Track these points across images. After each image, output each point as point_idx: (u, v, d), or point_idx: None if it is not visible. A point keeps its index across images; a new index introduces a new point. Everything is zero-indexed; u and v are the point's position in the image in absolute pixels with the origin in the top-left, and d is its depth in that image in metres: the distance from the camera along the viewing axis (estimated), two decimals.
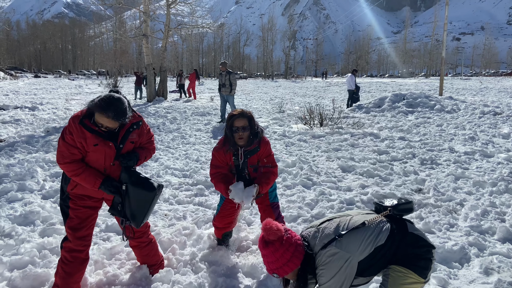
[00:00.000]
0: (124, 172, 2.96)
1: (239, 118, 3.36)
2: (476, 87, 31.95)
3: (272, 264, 2.18)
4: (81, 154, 2.85)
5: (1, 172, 6.41)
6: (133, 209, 2.95)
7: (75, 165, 2.82)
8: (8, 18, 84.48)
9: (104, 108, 2.71)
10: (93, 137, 2.81)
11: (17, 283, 3.23)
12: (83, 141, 2.79)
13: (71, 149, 2.80)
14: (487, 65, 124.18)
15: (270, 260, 2.17)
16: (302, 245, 2.22)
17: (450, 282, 3.31)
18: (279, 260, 2.15)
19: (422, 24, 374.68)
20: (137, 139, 3.06)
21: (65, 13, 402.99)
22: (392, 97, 16.18)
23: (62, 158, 2.81)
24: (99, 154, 2.87)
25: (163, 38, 23.57)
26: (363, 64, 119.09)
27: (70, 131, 2.80)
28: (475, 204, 5.07)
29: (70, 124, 2.82)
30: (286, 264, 2.15)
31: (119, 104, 2.76)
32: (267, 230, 2.16)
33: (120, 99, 2.79)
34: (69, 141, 2.79)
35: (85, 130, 2.78)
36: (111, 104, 2.72)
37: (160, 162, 7.61)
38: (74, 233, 2.94)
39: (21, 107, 15.10)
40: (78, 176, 2.83)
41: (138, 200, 2.95)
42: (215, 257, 3.67)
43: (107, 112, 2.70)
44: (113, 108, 2.72)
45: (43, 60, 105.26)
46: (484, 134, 10.26)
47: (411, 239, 2.27)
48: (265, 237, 2.17)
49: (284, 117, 14.39)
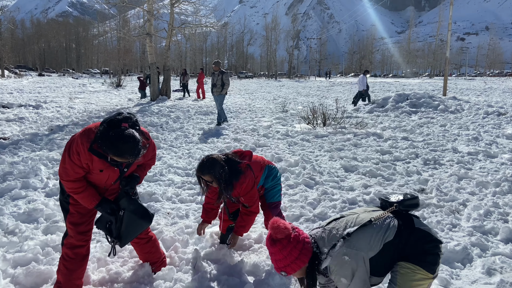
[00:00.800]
0: (124, 198, 2.98)
1: (202, 174, 3.36)
2: (480, 88, 31.84)
3: (280, 262, 2.17)
4: (85, 173, 2.82)
5: (5, 169, 6.44)
6: (124, 232, 2.99)
7: (77, 183, 2.80)
8: (12, 17, 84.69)
9: (121, 154, 2.57)
10: (100, 162, 2.74)
11: (21, 280, 3.26)
12: (89, 163, 2.74)
13: (76, 168, 2.74)
14: (491, 65, 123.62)
15: (278, 258, 2.17)
16: (310, 243, 2.22)
17: (452, 282, 3.31)
18: (286, 258, 2.15)
19: (426, 24, 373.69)
20: (141, 161, 3.02)
21: (69, 12, 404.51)
22: (396, 97, 16.15)
23: (66, 175, 2.77)
24: (102, 176, 2.86)
25: (167, 37, 23.62)
26: (366, 64, 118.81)
27: (78, 152, 2.70)
28: (478, 205, 5.05)
29: (78, 144, 2.69)
30: (294, 262, 2.15)
31: (135, 145, 2.60)
32: (274, 228, 2.16)
33: (135, 140, 2.60)
34: (75, 161, 2.72)
35: (93, 155, 2.71)
36: (127, 148, 2.57)
37: (163, 161, 7.63)
38: (76, 228, 2.95)
39: (25, 105, 15.17)
40: (77, 195, 2.82)
41: (132, 227, 3.01)
42: (218, 256, 3.68)
43: (124, 156, 2.59)
44: (130, 152, 2.59)
45: (47, 59, 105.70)
46: (488, 134, 10.22)
47: (419, 235, 2.26)
48: (273, 235, 2.17)
49: (287, 117, 14.39)
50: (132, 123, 2.74)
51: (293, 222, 4.63)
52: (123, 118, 2.70)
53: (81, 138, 2.70)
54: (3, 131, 9.99)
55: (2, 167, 6.59)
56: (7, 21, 64.32)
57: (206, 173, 3.33)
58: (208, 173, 3.32)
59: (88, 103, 18.32)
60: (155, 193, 5.55)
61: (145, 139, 2.90)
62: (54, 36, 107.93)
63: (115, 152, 2.57)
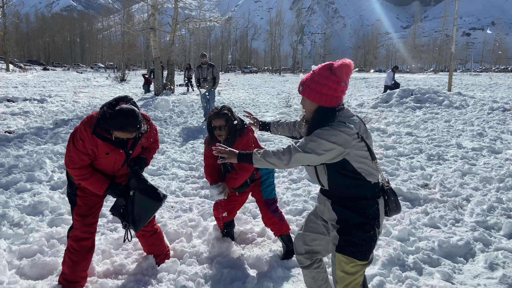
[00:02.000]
0: (134, 178, 3.02)
1: (215, 119, 3.41)
2: (485, 83, 31.63)
3: (311, 82, 2.17)
4: (91, 160, 2.87)
5: (10, 163, 6.50)
6: (136, 215, 3.02)
7: (84, 170, 2.85)
8: (17, 11, 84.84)
9: (123, 126, 2.66)
10: (105, 145, 2.81)
11: (26, 271, 3.30)
12: (94, 148, 2.80)
13: (81, 155, 2.80)
14: (497, 60, 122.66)
15: (315, 78, 2.16)
16: (340, 103, 2.20)
17: (454, 277, 3.32)
18: (318, 83, 2.14)
19: (432, 19, 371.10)
20: (145, 143, 3.10)
21: (73, 6, 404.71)
22: (400, 93, 16.07)
23: (71, 163, 2.82)
24: (109, 160, 2.92)
25: (171, 32, 23.59)
26: (371, 59, 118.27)
27: (82, 138, 2.77)
28: (481, 200, 5.05)
29: (81, 131, 2.77)
30: (320, 92, 2.14)
31: (135, 116, 2.71)
32: (344, 66, 2.11)
33: (134, 112, 2.71)
34: (80, 148, 2.78)
35: (98, 139, 2.78)
36: (128, 119, 2.67)
37: (167, 155, 7.66)
38: (83, 220, 2.99)
39: (30, 99, 15.23)
40: (85, 181, 2.87)
41: (143, 207, 3.02)
42: (221, 249, 3.71)
43: (127, 128, 2.67)
44: (131, 123, 2.68)
45: (52, 53, 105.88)
46: (493, 130, 10.18)
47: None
48: (335, 64, 2.14)
49: (291, 112, 14.37)
50: (129, 102, 2.87)
51: (296, 216, 4.66)
52: (119, 98, 2.85)
53: (83, 125, 2.79)
54: (8, 124, 10.05)
55: (8, 161, 6.64)
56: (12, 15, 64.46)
57: (223, 115, 3.39)
58: (224, 116, 3.39)
59: (92, 97, 18.37)
60: (159, 186, 5.58)
61: (146, 120, 3.00)
62: (59, 30, 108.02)
63: (118, 125, 2.65)
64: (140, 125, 2.75)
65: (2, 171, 6.11)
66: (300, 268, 3.44)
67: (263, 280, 3.19)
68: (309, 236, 2.55)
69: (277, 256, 3.64)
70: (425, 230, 4.26)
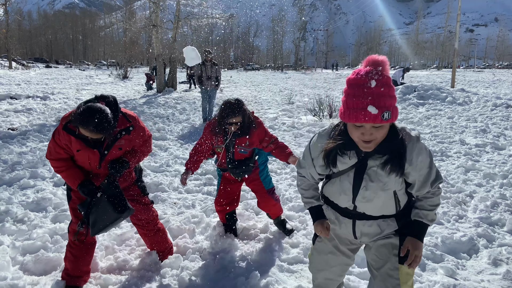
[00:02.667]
0: (107, 182, 2.90)
1: (233, 116, 3.34)
2: (489, 79, 31.49)
3: (392, 99, 1.71)
4: (67, 154, 2.88)
5: (13, 159, 6.52)
6: (95, 217, 2.86)
7: (60, 162, 2.88)
8: (20, 8, 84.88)
9: (84, 122, 2.56)
10: (77, 142, 2.78)
11: (30, 267, 3.31)
12: (68, 143, 2.81)
13: (57, 148, 2.84)
14: (500, 57, 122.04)
15: (391, 93, 1.71)
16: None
17: (458, 273, 3.31)
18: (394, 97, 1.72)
19: (435, 15, 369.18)
20: (126, 145, 2.96)
21: (75, 4, 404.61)
22: (403, 89, 16.03)
23: (49, 154, 2.89)
24: (82, 158, 2.88)
25: (173, 29, 23.57)
26: None
27: (58, 132, 2.81)
28: (485, 196, 5.04)
29: (60, 124, 2.81)
30: (395, 107, 1.74)
31: (100, 116, 2.57)
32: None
33: (100, 111, 2.59)
34: (57, 141, 2.82)
35: (69, 135, 2.76)
36: (91, 117, 2.54)
37: (169, 152, 7.67)
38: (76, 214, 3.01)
39: (32, 96, 15.27)
40: (61, 173, 2.90)
41: (103, 213, 2.86)
42: (223, 245, 3.71)
43: (88, 126, 2.56)
44: (93, 122, 2.55)
45: (54, 51, 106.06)
46: (496, 126, 10.14)
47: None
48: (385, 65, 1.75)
49: (293, 109, 14.35)
50: (108, 102, 2.78)
51: (299, 212, 4.65)
52: (100, 97, 2.80)
53: (62, 120, 2.82)
54: (12, 122, 10.08)
55: (11, 157, 6.66)
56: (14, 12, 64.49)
57: (238, 113, 3.35)
58: (240, 113, 3.36)
59: (94, 95, 18.39)
60: (162, 183, 5.59)
61: (127, 121, 2.91)
62: (61, 27, 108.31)
63: (80, 123, 2.58)
64: (106, 126, 2.61)
65: (6, 168, 6.13)
66: (303, 264, 3.45)
67: (266, 275, 3.19)
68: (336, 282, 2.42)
69: (279, 252, 3.64)
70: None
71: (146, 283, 3.13)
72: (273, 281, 3.11)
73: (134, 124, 2.95)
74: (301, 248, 3.69)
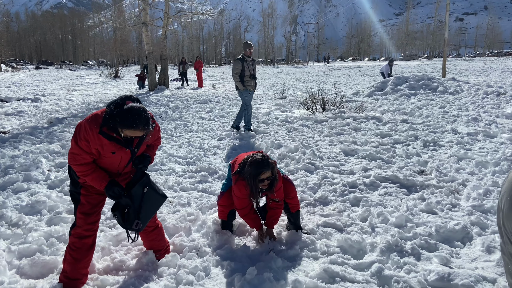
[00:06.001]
0: (144, 176, 3.09)
1: (265, 171, 3.40)
2: (479, 68, 31.66)
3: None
4: (92, 158, 2.87)
5: (6, 163, 6.47)
6: (144, 211, 3.05)
7: (85, 167, 2.86)
8: (7, 10, 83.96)
9: (133, 123, 2.67)
10: (111, 144, 2.82)
11: (26, 271, 3.31)
12: (99, 147, 2.80)
13: (83, 154, 2.81)
14: (490, 45, 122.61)
15: None
16: None
17: (452, 261, 3.35)
18: None
19: (424, 5, 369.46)
20: (150, 140, 3.13)
21: (63, 3, 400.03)
22: (395, 80, 16.09)
23: (73, 160, 2.85)
24: (115, 159, 2.93)
25: (163, 26, 23.44)
26: (365, 48, 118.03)
27: (86, 138, 2.75)
28: (477, 184, 5.09)
29: (86, 130, 2.75)
30: None
31: (146, 114, 2.75)
32: None
33: (144, 109, 2.75)
34: (83, 147, 2.78)
35: (104, 138, 2.78)
36: (139, 117, 2.69)
37: (163, 150, 7.65)
38: (86, 218, 3.01)
39: (23, 98, 15.14)
40: (87, 177, 2.89)
41: (153, 204, 3.11)
42: (220, 242, 3.72)
43: (138, 126, 2.69)
44: (142, 121, 2.71)
45: (44, 52, 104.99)
46: (487, 114, 10.22)
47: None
48: None
49: (286, 103, 14.36)
50: (135, 101, 2.89)
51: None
52: (125, 97, 2.85)
53: (89, 124, 2.77)
54: (3, 125, 10.00)
55: (3, 161, 6.61)
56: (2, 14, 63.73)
57: (269, 168, 3.41)
58: (271, 168, 3.42)
59: (86, 95, 18.27)
60: (157, 182, 5.59)
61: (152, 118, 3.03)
62: (50, 28, 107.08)
63: (130, 124, 2.67)
64: (150, 123, 2.79)
65: None
66: (299, 258, 3.47)
67: (263, 270, 3.21)
68: None
69: (276, 247, 3.66)
70: (422, 216, 4.29)
71: (143, 283, 3.14)
72: (270, 275, 3.13)
73: (154, 120, 3.07)
74: (297, 242, 3.71)
